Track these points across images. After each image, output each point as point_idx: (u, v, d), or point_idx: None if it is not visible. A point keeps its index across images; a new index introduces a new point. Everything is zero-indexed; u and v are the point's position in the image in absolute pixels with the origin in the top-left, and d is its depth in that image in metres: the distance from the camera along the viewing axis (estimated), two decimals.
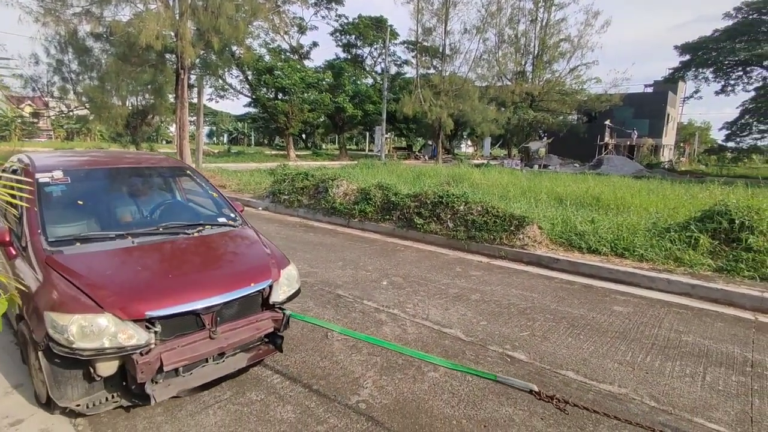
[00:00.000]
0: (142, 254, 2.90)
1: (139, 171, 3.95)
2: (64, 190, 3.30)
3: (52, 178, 3.24)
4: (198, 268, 2.89)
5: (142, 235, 3.08)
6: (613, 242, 6.43)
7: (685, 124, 60.32)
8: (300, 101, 30.03)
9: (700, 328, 4.26)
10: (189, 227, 3.34)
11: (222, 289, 2.71)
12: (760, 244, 5.66)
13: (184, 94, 15.44)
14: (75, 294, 2.41)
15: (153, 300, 2.48)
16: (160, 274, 2.73)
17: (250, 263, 3.14)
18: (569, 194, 10.57)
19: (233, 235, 3.49)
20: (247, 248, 3.37)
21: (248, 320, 2.85)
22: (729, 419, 2.80)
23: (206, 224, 3.49)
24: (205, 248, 3.20)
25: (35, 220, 2.88)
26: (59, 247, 2.75)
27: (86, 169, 3.61)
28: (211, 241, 3.31)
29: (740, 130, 37.64)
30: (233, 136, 64.27)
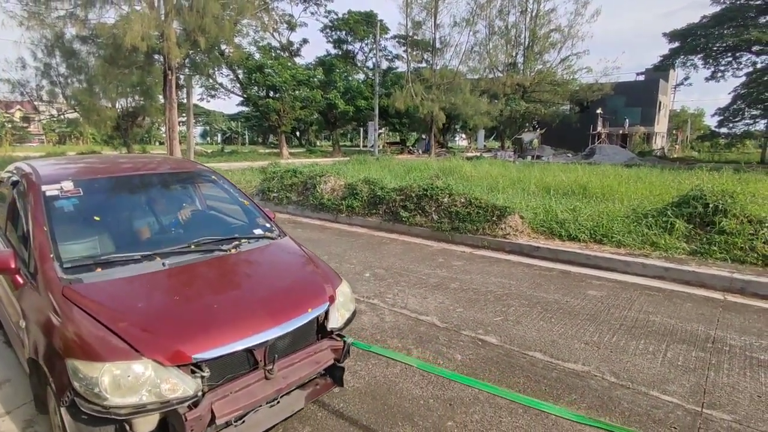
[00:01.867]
0: (177, 279, 2.46)
1: (159, 177, 3.43)
2: (76, 204, 2.82)
3: (62, 191, 2.76)
4: (245, 294, 2.46)
5: (172, 255, 2.60)
6: (593, 229, 6.57)
7: (677, 112, 60.52)
8: (291, 99, 30.02)
9: (669, 308, 4.41)
10: (223, 242, 2.86)
11: (277, 318, 2.29)
12: (732, 227, 5.80)
13: (173, 94, 15.49)
14: (103, 335, 1.96)
15: (200, 338, 2.05)
16: (203, 304, 2.28)
17: (303, 283, 2.71)
18: (557, 184, 10.70)
19: (275, 250, 3.05)
20: (295, 264, 2.94)
21: (306, 352, 2.42)
22: (683, 391, 2.95)
23: (242, 237, 3.00)
24: (247, 267, 2.78)
25: (46, 242, 2.41)
26: (77, 275, 2.29)
27: (99, 178, 3.08)
28: (252, 258, 2.87)
29: (732, 116, 37.72)
30: (227, 136, 64.13)
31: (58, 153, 27.40)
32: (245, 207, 3.50)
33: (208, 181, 3.66)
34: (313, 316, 2.46)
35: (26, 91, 20.18)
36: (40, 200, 2.64)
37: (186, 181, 3.65)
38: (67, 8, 14.15)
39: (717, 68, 31.56)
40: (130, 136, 23.88)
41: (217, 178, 3.66)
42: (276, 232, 3.25)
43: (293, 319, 2.34)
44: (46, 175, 2.91)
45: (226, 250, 2.79)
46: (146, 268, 2.46)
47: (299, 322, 2.37)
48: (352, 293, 2.89)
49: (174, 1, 14.33)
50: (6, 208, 3.23)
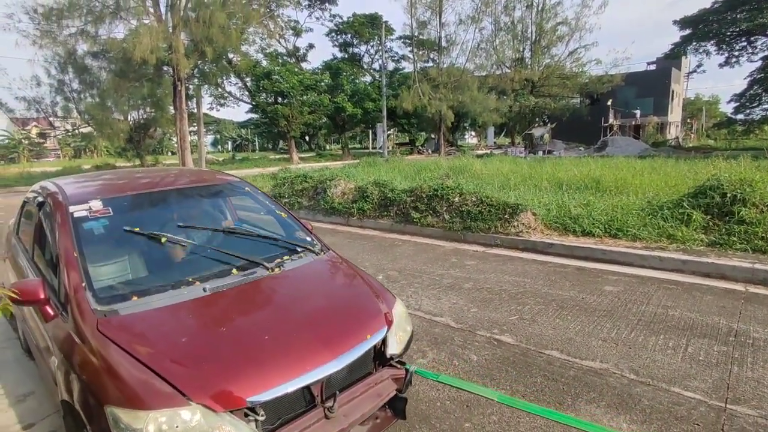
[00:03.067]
0: (221, 307, 2.25)
1: (190, 192, 3.21)
2: (107, 225, 2.64)
3: (90, 211, 2.57)
4: (297, 322, 2.21)
5: (211, 278, 2.39)
6: (607, 224, 6.47)
7: (691, 100, 59.44)
8: (299, 104, 30.23)
9: (689, 302, 4.32)
10: (264, 260, 2.62)
11: (335, 348, 2.06)
12: (752, 216, 5.67)
13: (183, 105, 15.72)
14: (146, 378, 1.76)
15: (253, 378, 1.83)
16: (252, 336, 2.06)
17: (357, 306, 2.49)
18: (570, 179, 10.56)
19: (320, 267, 2.83)
20: (344, 283, 2.72)
21: (366, 384, 2.18)
22: (705, 387, 2.88)
23: (283, 254, 2.79)
24: (294, 289, 2.55)
25: (76, 270, 2.22)
26: (112, 305, 2.11)
27: (129, 196, 2.88)
28: (298, 277, 2.65)
29: (749, 101, 36.90)
30: (237, 143, 64.81)
31: (73, 167, 27.99)
32: (282, 219, 3.26)
33: (242, 193, 3.41)
34: (372, 344, 2.22)
35: (41, 108, 20.67)
36: (68, 222, 2.46)
37: (218, 195, 3.42)
38: (78, 25, 14.48)
39: (731, 54, 30.95)
40: (143, 147, 24.27)
41: (250, 190, 3.43)
42: (318, 246, 3.02)
43: (352, 348, 2.10)
44: (73, 194, 2.72)
45: (268, 269, 2.55)
46: (186, 294, 2.24)
47: (359, 352, 2.12)
48: (407, 312, 2.65)
49: (181, 13, 14.56)
50: (33, 230, 3.08)
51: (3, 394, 3.09)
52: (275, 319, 2.24)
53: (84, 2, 13.81)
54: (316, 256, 2.88)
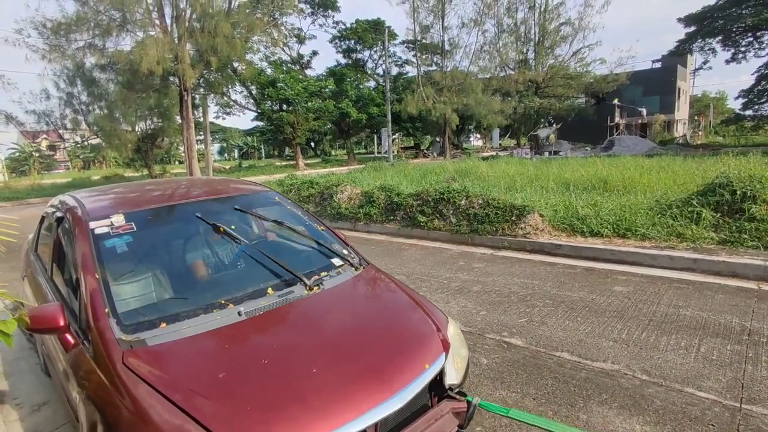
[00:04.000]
0: (259, 334, 2.01)
1: (217, 204, 2.96)
2: (130, 242, 2.41)
3: (112, 227, 2.37)
4: (346, 351, 1.96)
5: (245, 300, 2.17)
6: (615, 224, 6.43)
7: (698, 97, 58.97)
8: (304, 111, 30.41)
9: (700, 301, 4.28)
10: (302, 278, 2.38)
11: (392, 383, 1.80)
12: (763, 213, 5.61)
13: (189, 114, 15.88)
14: (181, 424, 1.54)
15: (303, 421, 1.61)
16: (299, 369, 1.79)
17: (410, 330, 2.22)
18: (577, 179, 10.51)
19: (363, 284, 2.58)
20: (393, 303, 2.45)
21: (425, 421, 1.88)
22: (719, 387, 2.85)
23: (321, 270, 2.55)
24: (339, 311, 2.29)
25: (98, 294, 2.01)
26: (138, 334, 1.89)
27: (152, 209, 2.66)
28: (341, 297, 2.40)
29: (757, 97, 36.57)
30: (243, 151, 65.31)
31: (83, 178, 28.36)
32: (315, 230, 3.00)
33: (270, 202, 3.19)
34: (432, 375, 1.95)
35: (51, 121, 20.98)
36: (89, 240, 2.27)
37: (246, 205, 3.13)
38: (86, 39, 14.71)
39: (737, 50, 30.71)
40: (150, 157, 24.53)
41: (279, 199, 3.22)
42: (356, 259, 2.78)
43: (411, 382, 1.84)
44: (93, 208, 2.53)
45: (307, 287, 2.31)
46: (219, 319, 2.02)
47: (418, 386, 1.85)
48: (461, 333, 2.35)
49: (186, 24, 14.75)
50: (51, 247, 2.91)
51: (18, 404, 3.13)
52: (321, 348, 1.95)
53: (91, 16, 14.06)
54: (355, 271, 2.64)
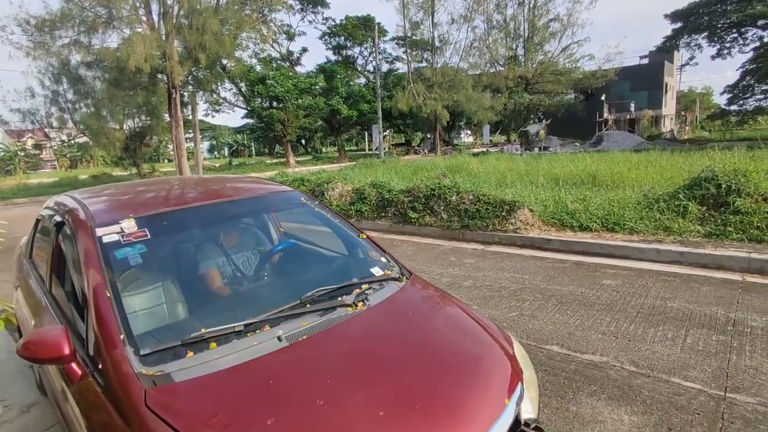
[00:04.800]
0: (308, 365, 1.65)
1: (239, 206, 2.62)
2: (145, 252, 2.03)
3: (123, 234, 2.00)
4: (413, 383, 1.61)
5: (283, 320, 1.82)
6: (604, 218, 6.51)
7: (685, 92, 59.65)
8: (294, 108, 30.26)
9: (687, 293, 4.35)
10: (342, 292, 2.06)
11: (474, 424, 1.51)
12: (747, 206, 5.71)
13: (178, 112, 15.73)
14: None
15: None
16: (365, 413, 1.45)
17: (480, 355, 1.87)
18: (566, 174, 10.62)
19: (413, 299, 2.22)
20: (451, 322, 2.11)
21: None
22: (705, 377, 2.91)
23: (362, 282, 2.18)
24: (393, 333, 1.94)
25: (111, 317, 1.65)
26: (162, 366, 1.54)
27: (167, 213, 2.25)
28: (392, 315, 2.04)
29: (742, 92, 37.07)
30: (234, 149, 64.85)
31: (70, 177, 27.98)
32: (349, 236, 2.66)
33: (296, 204, 2.80)
34: (514, 412, 1.65)
35: (36, 119, 20.66)
36: (96, 250, 1.89)
37: (271, 208, 2.87)
38: (71, 36, 14.48)
39: (723, 45, 31.07)
40: (139, 155, 24.27)
41: (306, 200, 2.82)
42: (397, 269, 2.40)
43: (495, 423, 1.53)
44: (98, 211, 2.17)
45: (351, 305, 1.96)
46: (257, 346, 1.67)
47: (503, 427, 1.56)
48: (525, 352, 2.06)
49: (174, 20, 14.58)
50: (49, 256, 2.53)
51: (7, 406, 3.10)
52: (384, 382, 1.59)
53: (76, 12, 13.84)
54: (399, 284, 2.26)
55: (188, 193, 2.69)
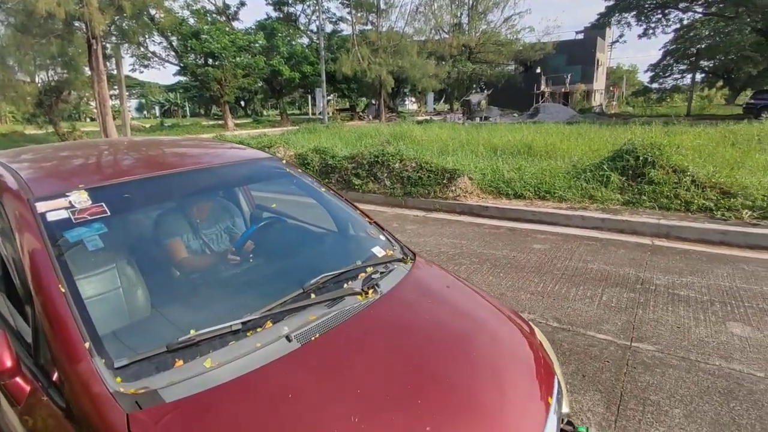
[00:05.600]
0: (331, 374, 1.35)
1: (215, 176, 2.17)
2: (105, 233, 1.59)
3: (75, 211, 1.54)
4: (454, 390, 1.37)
5: (286, 315, 1.51)
6: (537, 187, 6.90)
7: (614, 69, 62.98)
8: (232, 66, 28.60)
9: (605, 256, 4.79)
10: (346, 277, 1.77)
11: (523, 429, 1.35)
12: (660, 177, 6.29)
13: (100, 65, 14.36)
14: None
15: None
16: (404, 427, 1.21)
17: (512, 348, 1.68)
18: (504, 144, 11.02)
19: (427, 284, 1.97)
20: (474, 311, 1.88)
21: None
22: (615, 329, 3.28)
23: (367, 266, 1.89)
24: (417, 326, 1.66)
25: (69, 321, 1.26)
26: (145, 381, 1.21)
27: (129, 183, 1.78)
28: (410, 305, 1.78)
29: (663, 71, 39.95)
30: (166, 108, 60.53)
31: None
32: (343, 211, 2.36)
33: (281, 174, 2.39)
34: (558, 412, 1.51)
35: None
36: (40, 232, 1.43)
37: (250, 179, 2.46)
38: None
39: (648, 25, 32.83)
40: (56, 113, 21.98)
41: (291, 170, 2.43)
42: (398, 248, 2.14)
43: (546, 428, 1.38)
44: (34, 180, 1.68)
45: (360, 293, 1.68)
46: (262, 349, 1.36)
47: (552, 429, 1.41)
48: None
49: None
50: None
51: None
52: (419, 388, 1.34)
53: None
54: (405, 266, 1.99)
55: (148, 158, 2.20)
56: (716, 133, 11.11)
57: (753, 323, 3.28)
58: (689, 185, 6.06)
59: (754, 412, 2.37)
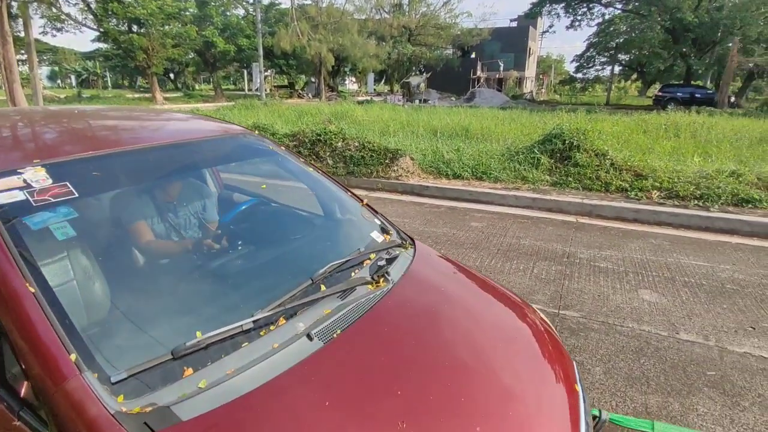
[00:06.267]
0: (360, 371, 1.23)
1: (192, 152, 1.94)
2: (76, 219, 1.34)
3: (32, 191, 1.28)
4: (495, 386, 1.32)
5: (299, 309, 1.36)
6: (474, 168, 7.21)
7: (544, 58, 66.08)
8: (160, 35, 26.63)
9: (536, 233, 5.15)
10: (350, 264, 1.64)
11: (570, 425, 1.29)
12: (584, 160, 6.81)
13: (5, 26, 12.79)
14: None
15: None
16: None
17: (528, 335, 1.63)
18: (443, 127, 11.32)
19: (434, 271, 1.91)
20: (489, 298, 1.82)
21: None
22: (545, 299, 3.58)
23: (370, 252, 1.76)
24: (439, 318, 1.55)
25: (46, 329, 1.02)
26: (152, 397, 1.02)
27: (96, 158, 1.52)
28: (424, 294, 1.69)
29: (586, 62, 42.49)
30: (83, 78, 55.20)
31: None
32: (334, 193, 2.19)
33: (264, 152, 2.17)
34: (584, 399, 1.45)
35: None
36: None
37: (232, 156, 2.16)
38: None
39: (575, 18, 34.73)
40: None
41: (275, 147, 2.23)
42: (394, 232, 2.02)
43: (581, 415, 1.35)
44: None
45: (371, 282, 1.56)
46: (278, 349, 1.21)
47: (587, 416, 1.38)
48: None
49: None
50: None
51: None
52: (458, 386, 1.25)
53: None
54: (408, 252, 1.89)
55: (111, 130, 1.95)
56: (631, 122, 12.14)
57: (659, 290, 3.72)
58: (609, 168, 6.62)
59: (659, 366, 2.73)
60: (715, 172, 6.28)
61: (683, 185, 5.94)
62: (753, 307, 3.45)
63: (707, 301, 3.53)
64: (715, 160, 7.56)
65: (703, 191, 5.79)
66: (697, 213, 5.44)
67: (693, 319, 3.26)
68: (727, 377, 2.62)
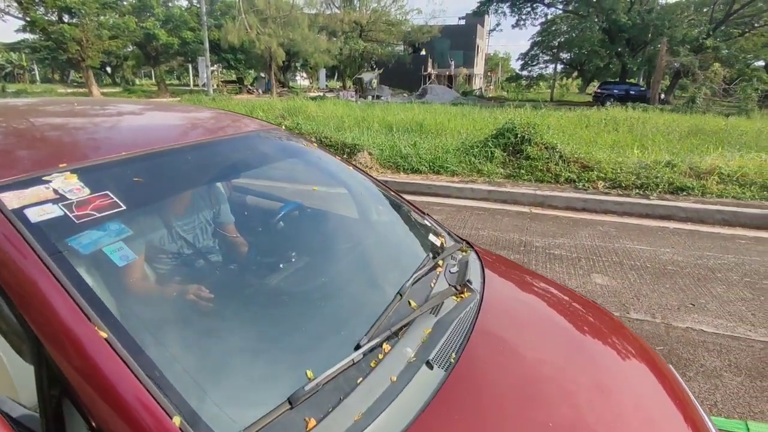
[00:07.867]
0: (507, 410, 1.08)
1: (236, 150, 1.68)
2: (130, 237, 1.06)
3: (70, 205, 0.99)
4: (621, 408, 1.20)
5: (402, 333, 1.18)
6: (431, 162, 7.32)
7: (491, 55, 68.04)
8: (96, 26, 25.01)
9: (493, 223, 5.32)
10: (426, 274, 1.46)
11: None
12: (535, 153, 7.09)
13: None
14: None
15: None
16: None
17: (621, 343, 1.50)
18: (398, 122, 11.40)
19: (508, 278, 1.77)
20: (575, 307, 1.66)
21: None
22: None
23: (438, 258, 1.58)
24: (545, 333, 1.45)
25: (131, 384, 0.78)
26: None
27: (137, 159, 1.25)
28: (512, 303, 1.61)
29: (531, 60, 44.25)
30: (7, 72, 50.78)
31: None
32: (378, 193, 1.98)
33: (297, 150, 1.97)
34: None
35: None
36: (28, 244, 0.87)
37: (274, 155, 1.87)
38: None
39: (520, 16, 36.01)
40: None
41: (308, 144, 2.05)
42: (444, 233, 1.85)
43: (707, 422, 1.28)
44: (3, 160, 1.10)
45: (455, 293, 1.41)
46: (397, 384, 1.03)
47: None
48: None
49: None
50: None
51: None
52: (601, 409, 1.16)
53: None
54: (472, 256, 1.74)
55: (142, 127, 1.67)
56: (574, 117, 12.78)
57: (609, 274, 3.96)
58: (558, 160, 6.93)
59: None
60: (653, 162, 6.73)
61: (625, 176, 6.33)
62: (692, 285, 3.74)
63: (652, 282, 3.79)
64: (651, 152, 8.10)
65: (643, 181, 6.19)
66: (639, 201, 5.81)
67: (641, 299, 3.50)
68: (674, 351, 2.83)
